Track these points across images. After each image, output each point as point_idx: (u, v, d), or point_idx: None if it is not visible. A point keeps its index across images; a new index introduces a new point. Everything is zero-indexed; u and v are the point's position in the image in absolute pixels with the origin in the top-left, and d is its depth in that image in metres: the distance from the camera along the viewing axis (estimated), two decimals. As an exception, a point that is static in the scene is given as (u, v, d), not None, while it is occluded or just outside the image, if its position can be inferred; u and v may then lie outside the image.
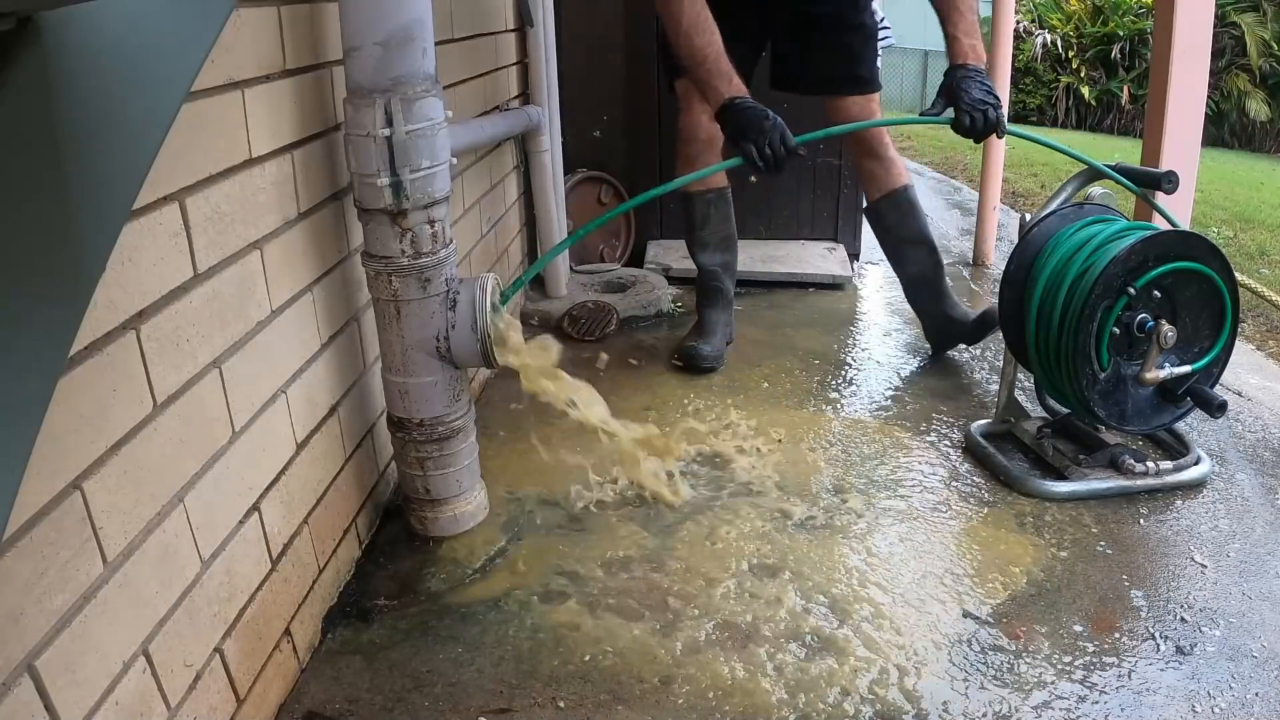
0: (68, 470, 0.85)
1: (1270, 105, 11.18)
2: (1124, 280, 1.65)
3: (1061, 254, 1.76)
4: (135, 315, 0.95)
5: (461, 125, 1.96)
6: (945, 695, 1.29)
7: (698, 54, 1.99)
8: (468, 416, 1.61)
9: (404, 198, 1.40)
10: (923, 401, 2.23)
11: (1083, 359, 1.69)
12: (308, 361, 1.39)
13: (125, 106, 0.73)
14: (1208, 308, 1.73)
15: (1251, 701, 1.28)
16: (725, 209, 2.46)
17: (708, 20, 1.99)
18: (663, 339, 2.64)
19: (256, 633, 1.21)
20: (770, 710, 1.26)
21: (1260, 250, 4.27)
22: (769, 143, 1.86)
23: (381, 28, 1.32)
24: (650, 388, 2.30)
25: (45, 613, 0.81)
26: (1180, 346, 1.73)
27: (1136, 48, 11.98)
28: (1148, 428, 1.80)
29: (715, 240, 2.47)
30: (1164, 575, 1.57)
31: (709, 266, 2.48)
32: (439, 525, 1.64)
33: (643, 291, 2.91)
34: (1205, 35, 2.18)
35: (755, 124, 1.88)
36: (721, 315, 2.47)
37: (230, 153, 1.15)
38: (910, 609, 1.47)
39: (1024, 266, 1.84)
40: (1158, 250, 1.66)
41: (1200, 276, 1.69)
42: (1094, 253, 1.70)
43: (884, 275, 3.32)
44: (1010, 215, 4.18)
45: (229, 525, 1.15)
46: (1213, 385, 1.78)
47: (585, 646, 1.39)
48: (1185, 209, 2.16)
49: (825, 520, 1.72)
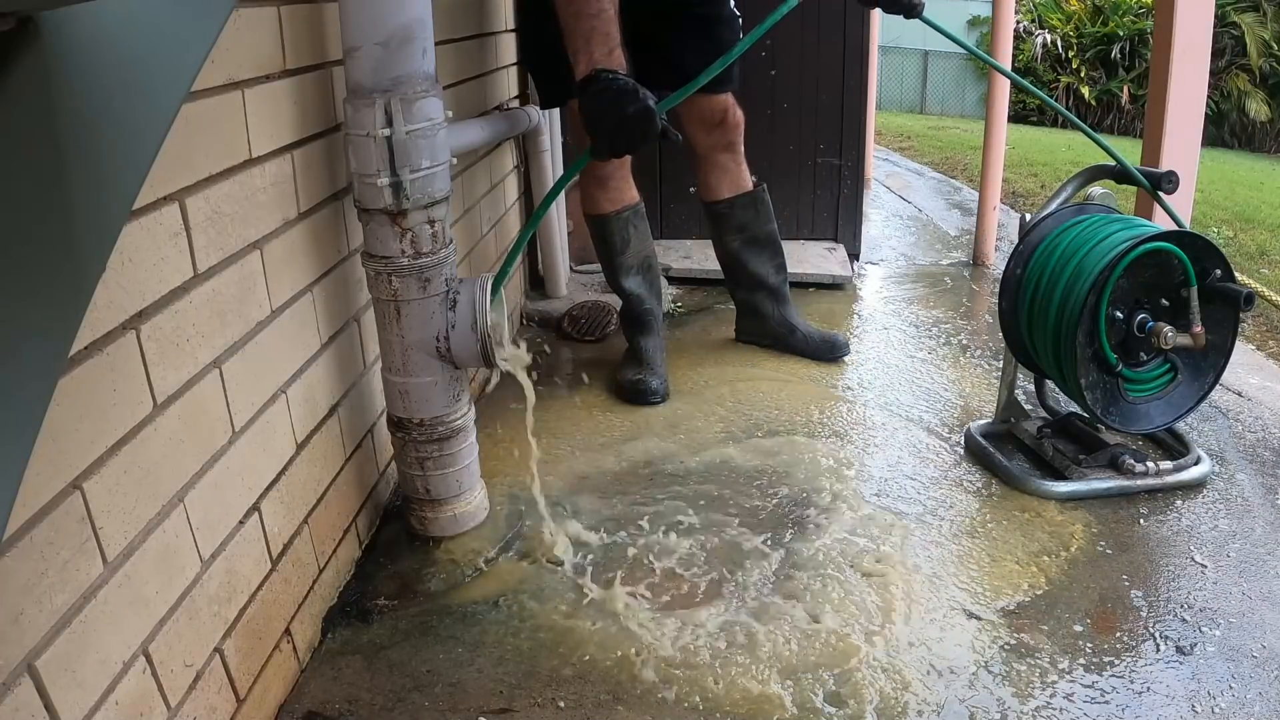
0: (68, 470, 0.85)
1: (1270, 105, 11.19)
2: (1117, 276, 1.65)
3: (1061, 253, 1.76)
4: (135, 315, 0.95)
5: (461, 125, 1.96)
6: (944, 695, 1.29)
7: (591, 3, 1.71)
8: (468, 416, 1.61)
9: (404, 198, 1.40)
10: (923, 401, 2.23)
11: (1084, 359, 1.69)
12: (308, 361, 1.39)
13: (125, 106, 0.73)
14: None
15: (1251, 701, 1.28)
16: (644, 227, 2.30)
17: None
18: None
19: (256, 633, 1.21)
20: (771, 710, 1.26)
21: (1260, 250, 4.27)
22: (627, 139, 1.60)
23: (381, 28, 1.32)
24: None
25: (45, 613, 0.81)
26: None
27: (1136, 48, 11.99)
28: (1149, 428, 1.80)
29: (638, 263, 2.29)
30: (1164, 575, 1.57)
31: (636, 292, 2.30)
32: (439, 525, 1.64)
33: (643, 291, 2.91)
34: (1205, 35, 2.18)
35: (615, 109, 1.60)
36: (657, 341, 2.33)
37: (230, 153, 1.15)
38: (910, 608, 1.47)
39: (1023, 266, 1.84)
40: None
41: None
42: (1091, 251, 1.70)
43: (884, 275, 3.33)
44: (1010, 215, 4.18)
45: (229, 525, 1.15)
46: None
47: (585, 646, 1.39)
48: (1185, 209, 2.16)
49: (821, 520, 1.72)
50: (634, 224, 2.27)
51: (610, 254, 2.28)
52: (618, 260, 2.28)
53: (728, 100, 2.29)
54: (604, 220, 2.24)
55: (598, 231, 2.27)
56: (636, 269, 2.30)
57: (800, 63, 3.17)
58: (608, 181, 2.21)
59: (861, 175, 3.38)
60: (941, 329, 2.74)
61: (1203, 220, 4.74)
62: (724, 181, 2.38)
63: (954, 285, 3.20)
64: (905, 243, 3.82)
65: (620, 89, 1.62)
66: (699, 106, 2.26)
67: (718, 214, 2.42)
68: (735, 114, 2.32)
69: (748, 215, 2.41)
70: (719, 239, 2.47)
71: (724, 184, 2.38)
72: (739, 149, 2.36)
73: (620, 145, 1.63)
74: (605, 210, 2.23)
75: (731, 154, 2.36)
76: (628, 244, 2.27)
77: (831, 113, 3.22)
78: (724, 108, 2.29)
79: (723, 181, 2.38)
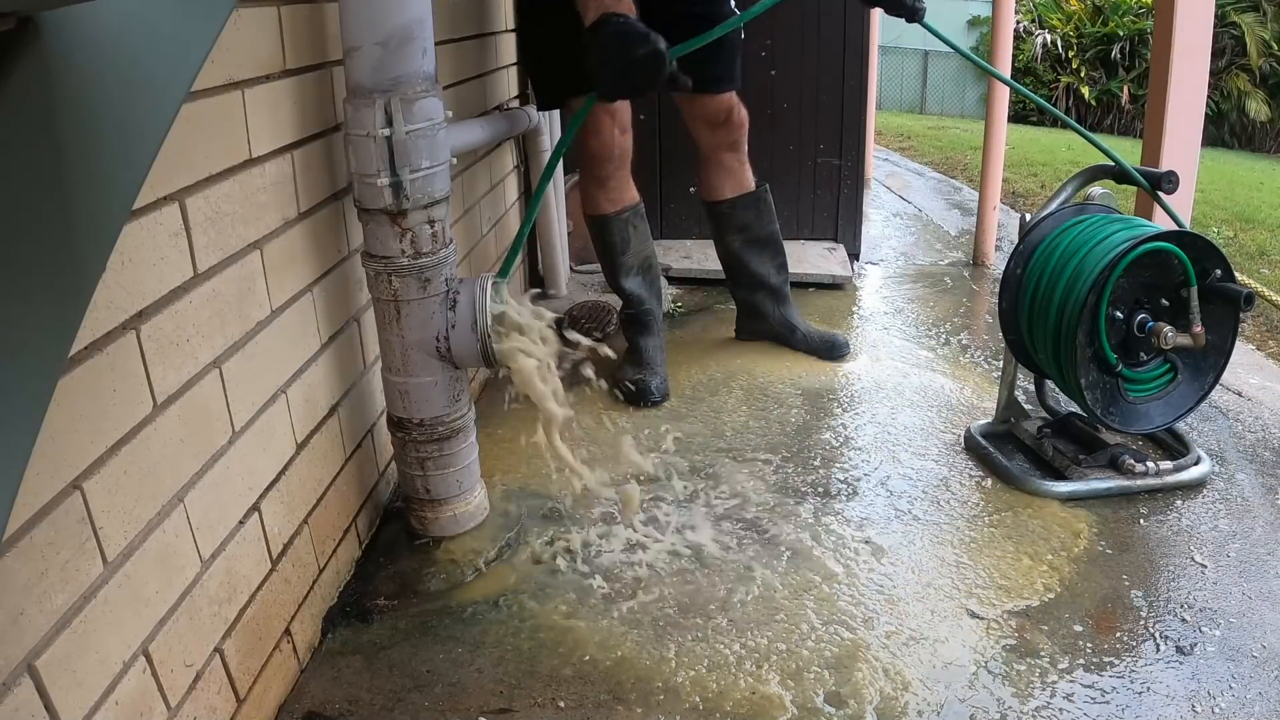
0: (68, 470, 0.85)
1: (1270, 105, 11.19)
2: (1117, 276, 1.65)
3: (1061, 253, 1.76)
4: (135, 315, 0.95)
5: (461, 125, 1.96)
6: (945, 695, 1.29)
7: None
8: (468, 417, 1.61)
9: (404, 198, 1.40)
10: (923, 401, 2.23)
11: (1084, 359, 1.69)
12: (308, 361, 1.39)
13: (125, 106, 0.73)
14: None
15: (1251, 701, 1.28)
16: (644, 227, 2.29)
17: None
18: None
19: (256, 633, 1.21)
20: (771, 710, 1.26)
21: (1260, 250, 4.27)
22: (634, 81, 1.57)
23: (381, 28, 1.32)
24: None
25: (45, 613, 0.81)
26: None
27: (1136, 48, 12.00)
28: (1148, 428, 1.80)
29: (638, 263, 2.28)
30: (1164, 575, 1.57)
31: (635, 292, 2.29)
32: (439, 525, 1.64)
33: (643, 291, 2.91)
34: (1205, 35, 2.18)
35: (624, 51, 1.56)
36: (656, 341, 2.32)
37: (230, 153, 1.15)
38: (911, 608, 1.47)
39: (1023, 266, 1.84)
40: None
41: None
42: (1091, 251, 1.70)
43: (884, 275, 3.33)
44: (1010, 215, 4.18)
45: (229, 525, 1.15)
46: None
47: (585, 647, 1.39)
48: (1185, 209, 2.16)
49: (820, 520, 1.72)
50: (634, 224, 2.26)
51: (610, 254, 2.27)
52: (617, 260, 2.27)
53: (731, 99, 2.29)
54: (604, 220, 2.23)
55: (597, 232, 2.26)
56: (636, 269, 2.29)
57: (800, 62, 3.17)
58: (607, 181, 2.20)
59: (861, 175, 3.38)
60: (941, 329, 2.74)
61: (1203, 220, 4.74)
62: (727, 181, 2.38)
63: (954, 285, 3.20)
64: (905, 243, 3.82)
65: (629, 31, 1.58)
66: (703, 106, 2.26)
67: (720, 214, 2.42)
68: (739, 113, 2.32)
69: (750, 215, 2.40)
70: (720, 239, 2.47)
71: (727, 184, 2.38)
72: (743, 148, 2.36)
73: (626, 88, 1.60)
74: (605, 210, 2.22)
75: (735, 153, 2.35)
76: (628, 244, 2.26)
77: (831, 113, 3.22)
78: (728, 106, 2.29)
79: (726, 181, 2.38)
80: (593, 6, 1.69)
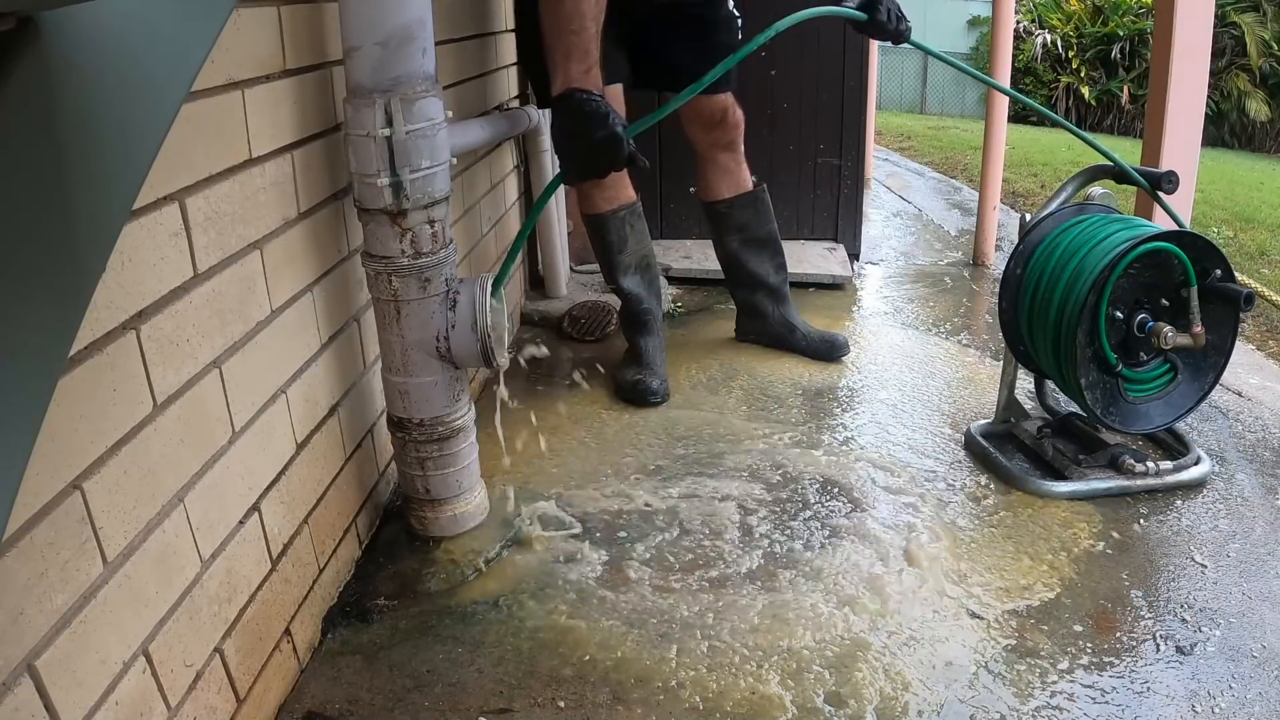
0: (68, 470, 0.85)
1: (1270, 105, 11.19)
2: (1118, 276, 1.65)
3: (1061, 253, 1.76)
4: (135, 315, 0.95)
5: (461, 125, 1.95)
6: (945, 695, 1.29)
7: (573, 19, 1.74)
8: (468, 417, 1.61)
9: (404, 198, 1.40)
10: (922, 401, 2.23)
11: (1084, 359, 1.69)
12: (308, 361, 1.39)
13: (125, 106, 0.73)
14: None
15: (1251, 701, 1.28)
16: (641, 226, 2.28)
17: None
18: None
19: (256, 633, 1.21)
20: (771, 710, 1.26)
21: (1260, 250, 4.27)
22: (593, 164, 1.65)
23: (381, 28, 1.32)
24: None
25: (45, 613, 0.81)
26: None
27: (1136, 48, 11.99)
28: (1148, 428, 1.80)
29: (636, 262, 2.27)
30: (1164, 575, 1.57)
31: (634, 291, 2.28)
32: (439, 525, 1.64)
33: (643, 291, 2.91)
34: (1205, 35, 2.18)
35: (583, 135, 1.64)
36: (656, 341, 2.31)
37: (230, 153, 1.15)
38: (911, 608, 1.47)
39: (1023, 266, 1.84)
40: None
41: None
42: (1091, 251, 1.70)
43: (884, 275, 3.33)
44: (1010, 215, 4.18)
45: (229, 525, 1.15)
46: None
47: (585, 647, 1.39)
48: (1185, 209, 2.16)
49: (819, 519, 1.72)
50: (631, 223, 2.25)
51: (608, 253, 2.26)
52: (615, 259, 2.26)
53: (727, 100, 2.29)
54: (600, 219, 2.22)
55: (595, 230, 2.25)
56: (634, 268, 2.28)
57: (800, 63, 3.17)
58: (604, 180, 2.20)
59: (861, 175, 3.38)
60: (941, 329, 2.74)
61: (1203, 220, 4.74)
62: (724, 181, 2.38)
63: (954, 285, 3.20)
64: (905, 243, 3.82)
65: (590, 112, 1.64)
66: (699, 106, 2.25)
67: (717, 214, 2.42)
68: (735, 113, 2.32)
69: (747, 215, 2.40)
70: (719, 239, 2.47)
71: (724, 184, 2.38)
72: (739, 148, 2.36)
73: (587, 170, 1.66)
74: (601, 209, 2.22)
75: (732, 153, 2.36)
76: (625, 243, 2.25)
77: (831, 113, 3.22)
78: (724, 107, 2.29)
79: (723, 181, 2.38)
80: (559, 77, 1.75)
